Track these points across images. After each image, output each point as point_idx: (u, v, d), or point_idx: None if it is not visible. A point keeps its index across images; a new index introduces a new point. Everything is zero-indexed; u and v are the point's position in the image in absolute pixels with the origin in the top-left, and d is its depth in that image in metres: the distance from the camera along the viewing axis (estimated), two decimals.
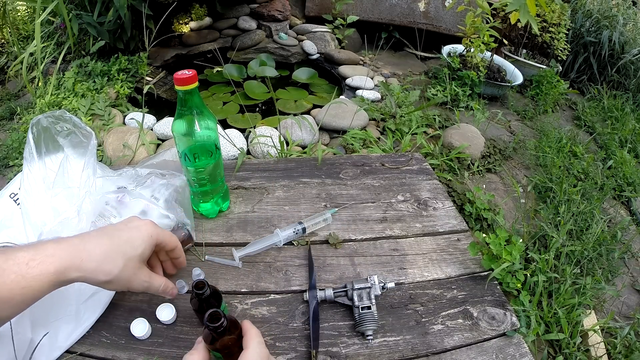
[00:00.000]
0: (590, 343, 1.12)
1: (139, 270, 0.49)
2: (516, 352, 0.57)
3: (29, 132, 0.60)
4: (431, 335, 0.59)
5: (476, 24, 2.22)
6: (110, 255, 0.46)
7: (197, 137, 0.65)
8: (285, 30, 2.80)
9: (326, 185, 0.86)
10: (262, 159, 1.60)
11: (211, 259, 0.68)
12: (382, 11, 2.93)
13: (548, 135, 2.15)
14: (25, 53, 1.96)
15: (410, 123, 1.87)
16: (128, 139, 1.66)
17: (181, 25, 2.54)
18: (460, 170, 1.74)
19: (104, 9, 1.99)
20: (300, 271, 0.67)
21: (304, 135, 1.76)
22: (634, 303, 1.38)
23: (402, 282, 0.66)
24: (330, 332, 0.59)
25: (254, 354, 0.41)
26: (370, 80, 2.35)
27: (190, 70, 0.60)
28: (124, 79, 2.08)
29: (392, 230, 0.76)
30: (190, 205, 0.73)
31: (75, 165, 0.61)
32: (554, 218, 1.57)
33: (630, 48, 2.86)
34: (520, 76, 2.51)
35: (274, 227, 0.75)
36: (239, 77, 2.48)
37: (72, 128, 0.63)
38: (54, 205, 0.57)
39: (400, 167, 0.93)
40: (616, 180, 1.95)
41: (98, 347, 0.55)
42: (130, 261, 0.47)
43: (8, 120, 2.11)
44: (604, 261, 1.44)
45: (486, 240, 0.67)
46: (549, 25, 2.67)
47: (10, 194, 0.66)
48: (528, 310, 1.07)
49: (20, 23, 2.79)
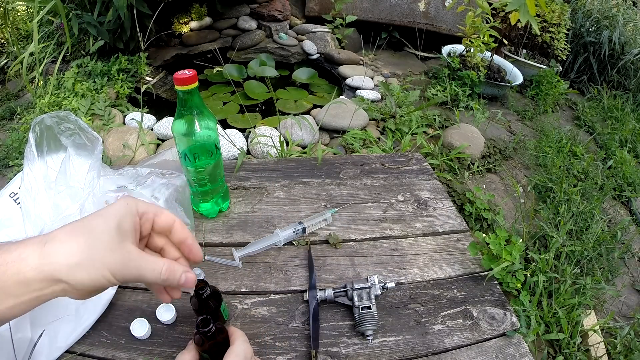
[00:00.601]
0: (590, 343, 1.12)
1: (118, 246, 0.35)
2: (516, 352, 0.57)
3: (31, 131, 0.59)
4: (431, 335, 0.59)
5: (476, 24, 2.22)
6: (71, 234, 0.34)
7: (197, 137, 0.65)
8: (285, 30, 2.80)
9: (326, 185, 0.86)
10: (262, 159, 1.60)
11: (211, 259, 0.68)
12: (382, 11, 2.93)
13: (548, 135, 2.15)
14: (25, 53, 1.95)
15: (410, 123, 1.87)
16: (128, 139, 1.66)
17: (181, 25, 2.54)
18: (460, 170, 1.74)
19: (104, 9, 1.99)
20: (300, 271, 0.67)
21: (304, 135, 1.76)
22: (634, 303, 1.38)
23: (402, 282, 0.66)
24: (330, 332, 0.59)
25: (239, 350, 0.44)
26: (370, 80, 2.35)
27: (190, 70, 0.60)
28: (124, 79, 2.08)
29: (392, 230, 0.76)
30: (190, 205, 0.73)
31: (78, 165, 0.61)
32: (554, 218, 1.57)
33: (630, 48, 2.86)
34: (520, 76, 2.51)
35: (274, 227, 0.75)
36: (239, 77, 2.48)
37: (76, 130, 0.62)
38: (56, 202, 0.57)
39: (400, 167, 0.93)
40: (616, 180, 1.95)
41: (98, 347, 0.55)
42: (103, 234, 0.34)
43: (8, 120, 2.11)
44: (604, 261, 1.44)
45: (486, 240, 0.67)
46: (549, 25, 2.67)
47: (10, 193, 0.66)
48: (528, 310, 1.07)
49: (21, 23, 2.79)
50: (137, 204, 0.38)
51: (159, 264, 0.37)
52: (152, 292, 0.45)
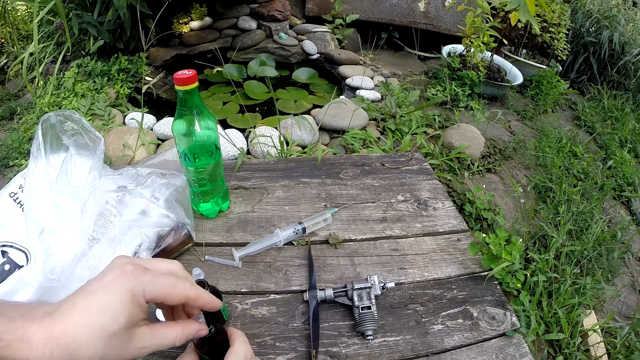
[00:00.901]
0: (590, 343, 1.12)
1: (131, 339, 0.35)
2: (516, 352, 0.57)
3: (39, 128, 0.59)
4: (431, 335, 0.59)
5: (476, 24, 2.22)
6: (81, 338, 0.32)
7: (197, 137, 0.65)
8: (285, 30, 2.80)
9: (326, 185, 0.86)
10: (262, 159, 1.60)
11: (211, 259, 0.68)
12: (382, 11, 2.93)
13: (548, 135, 2.15)
14: (25, 53, 1.96)
15: (410, 123, 1.87)
16: (128, 139, 1.66)
17: (181, 25, 2.54)
18: (460, 170, 1.74)
19: (104, 9, 1.99)
20: (300, 271, 0.67)
21: (304, 135, 1.76)
22: (634, 303, 1.38)
23: (402, 282, 0.66)
24: (330, 332, 0.59)
25: (239, 351, 0.44)
26: (370, 80, 2.35)
27: (190, 70, 0.60)
28: (124, 79, 2.08)
29: (392, 230, 0.76)
30: (190, 205, 0.73)
31: (80, 165, 0.61)
32: (554, 218, 1.57)
33: (630, 48, 2.86)
34: (520, 76, 2.51)
35: (274, 227, 0.75)
36: (239, 77, 2.48)
37: (79, 129, 0.62)
38: (57, 202, 0.57)
39: (400, 167, 0.93)
40: (616, 180, 1.96)
41: None
42: (114, 337, 0.33)
43: (8, 120, 2.12)
44: (604, 261, 1.44)
45: (486, 240, 0.67)
46: (549, 25, 2.67)
47: (10, 193, 0.66)
48: (528, 310, 1.07)
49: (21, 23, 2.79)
50: (146, 293, 0.35)
51: (172, 334, 0.38)
52: None
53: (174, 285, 0.37)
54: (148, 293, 0.35)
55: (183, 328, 0.38)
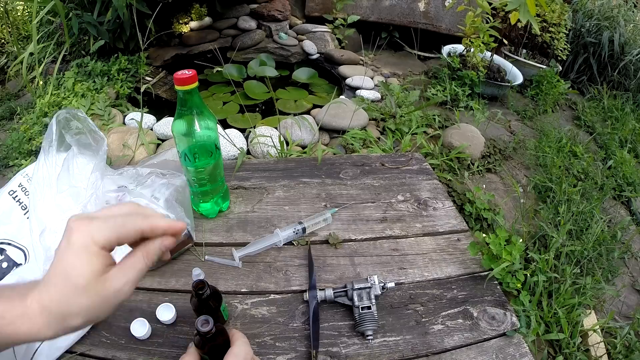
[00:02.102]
0: (590, 343, 1.12)
1: (105, 284, 0.35)
2: (516, 352, 0.57)
3: (54, 123, 0.59)
4: (431, 335, 0.59)
5: (476, 24, 2.22)
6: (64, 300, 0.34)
7: (197, 137, 0.65)
8: (285, 30, 2.80)
9: (326, 185, 0.86)
10: (262, 159, 1.60)
11: (211, 259, 0.68)
12: (382, 11, 2.93)
13: (548, 135, 2.15)
14: (25, 53, 1.95)
15: (410, 123, 1.87)
16: (128, 139, 1.66)
17: (181, 25, 2.53)
18: (460, 170, 1.74)
19: (104, 9, 1.99)
20: (300, 271, 0.67)
21: (304, 135, 1.76)
22: (634, 303, 1.38)
23: (402, 282, 0.66)
24: (330, 332, 0.59)
25: (239, 351, 0.44)
26: (370, 80, 2.35)
27: (190, 70, 0.60)
28: (123, 79, 2.08)
29: (392, 230, 0.76)
30: (190, 205, 0.73)
31: (82, 165, 0.61)
32: (554, 218, 1.57)
33: (630, 49, 2.86)
34: (520, 76, 2.51)
35: (274, 227, 0.75)
36: (239, 77, 2.48)
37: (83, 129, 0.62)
38: (58, 202, 0.57)
39: (400, 167, 0.93)
40: (616, 180, 1.95)
41: (98, 347, 0.55)
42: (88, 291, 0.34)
43: (8, 120, 2.11)
44: (604, 261, 1.44)
45: (486, 240, 0.67)
46: (549, 25, 2.67)
47: (9, 191, 0.66)
48: (528, 310, 1.07)
49: (20, 23, 2.79)
50: (93, 238, 0.35)
51: (138, 260, 0.37)
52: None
53: (122, 224, 0.37)
54: (98, 239, 0.35)
55: (144, 245, 0.38)
